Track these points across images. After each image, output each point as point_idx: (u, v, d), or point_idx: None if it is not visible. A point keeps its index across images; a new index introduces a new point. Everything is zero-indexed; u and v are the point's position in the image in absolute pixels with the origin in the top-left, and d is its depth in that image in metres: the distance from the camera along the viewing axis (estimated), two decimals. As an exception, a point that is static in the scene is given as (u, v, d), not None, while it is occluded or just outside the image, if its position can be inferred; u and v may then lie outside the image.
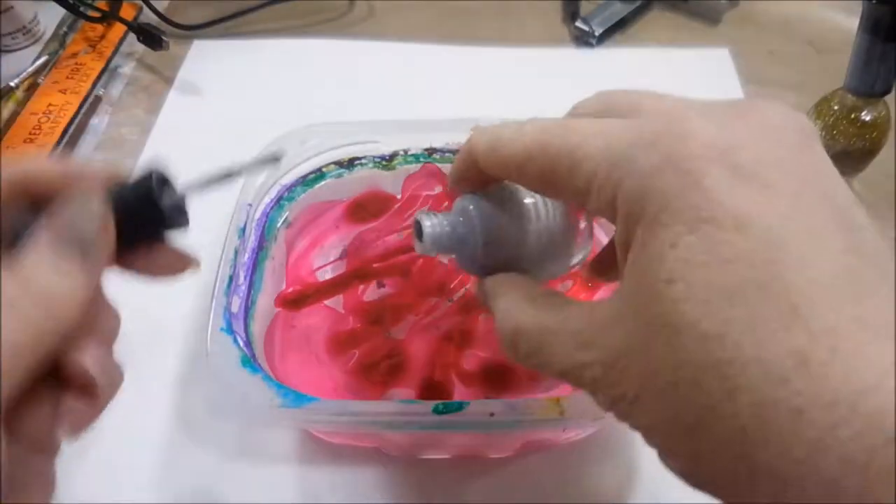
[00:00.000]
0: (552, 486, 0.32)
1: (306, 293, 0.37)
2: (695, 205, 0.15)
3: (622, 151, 0.17)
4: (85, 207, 0.19)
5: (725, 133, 0.16)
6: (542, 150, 0.19)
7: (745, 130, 0.16)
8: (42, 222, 0.19)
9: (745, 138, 0.16)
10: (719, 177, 0.15)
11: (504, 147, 0.20)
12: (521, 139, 0.19)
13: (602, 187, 0.17)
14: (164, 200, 0.21)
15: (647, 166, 0.16)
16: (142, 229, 0.22)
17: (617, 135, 0.17)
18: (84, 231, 0.19)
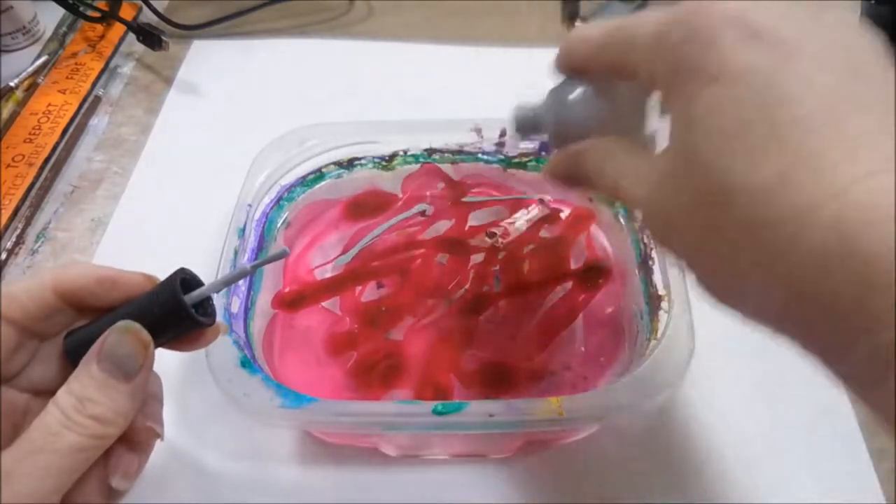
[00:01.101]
0: (552, 486, 0.32)
1: (304, 293, 0.38)
2: (708, 65, 0.18)
3: (661, 32, 0.20)
4: (128, 337, 0.23)
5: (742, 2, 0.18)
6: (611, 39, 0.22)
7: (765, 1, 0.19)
8: (93, 349, 0.23)
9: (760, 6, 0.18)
10: (730, 39, 0.18)
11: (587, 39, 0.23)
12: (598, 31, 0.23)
13: (650, 64, 0.20)
14: (190, 303, 0.24)
15: (677, 40, 0.19)
16: (172, 330, 0.24)
17: (660, 20, 0.20)
18: (128, 358, 0.23)
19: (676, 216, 0.19)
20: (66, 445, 0.21)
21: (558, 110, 0.25)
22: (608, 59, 0.22)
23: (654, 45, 0.20)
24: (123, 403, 0.23)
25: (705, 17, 0.19)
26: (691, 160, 0.18)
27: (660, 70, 0.20)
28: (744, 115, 0.17)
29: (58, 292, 0.24)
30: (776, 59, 0.17)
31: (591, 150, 0.24)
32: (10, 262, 0.42)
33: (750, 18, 0.18)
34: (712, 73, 0.18)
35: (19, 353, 0.24)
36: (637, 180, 0.21)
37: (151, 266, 0.26)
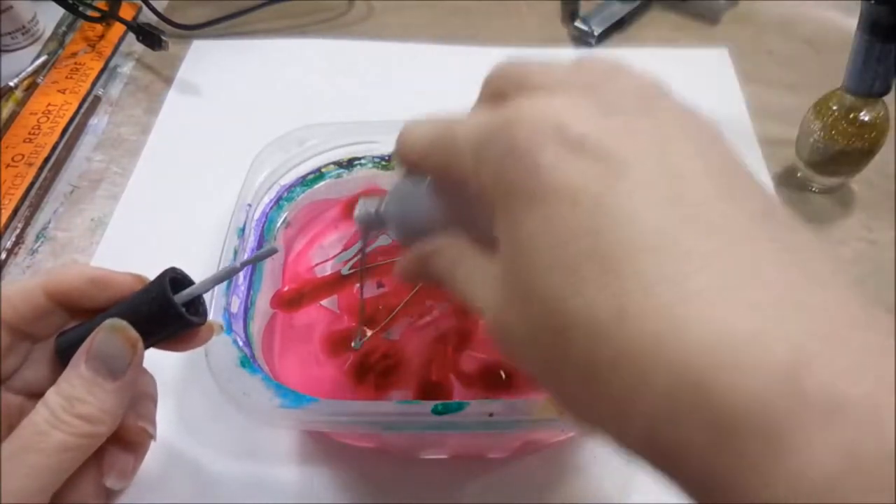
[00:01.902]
0: (552, 486, 0.32)
1: (302, 292, 0.38)
2: (531, 185, 0.16)
3: (480, 144, 0.18)
4: (115, 335, 0.23)
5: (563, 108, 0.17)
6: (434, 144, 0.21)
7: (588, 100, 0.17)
8: (82, 348, 0.23)
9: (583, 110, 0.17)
10: (551, 154, 0.16)
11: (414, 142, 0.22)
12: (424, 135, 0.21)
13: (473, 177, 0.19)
14: (180, 302, 0.24)
15: (496, 155, 0.18)
16: (162, 329, 0.24)
17: (478, 128, 0.19)
18: (115, 357, 0.23)
19: (518, 343, 0.18)
20: (54, 444, 0.21)
21: (400, 207, 0.24)
22: (433, 165, 0.21)
23: (474, 157, 0.19)
24: (111, 402, 0.23)
25: (523, 128, 0.17)
26: (524, 291, 0.17)
27: (482, 184, 0.18)
28: (572, 240, 0.16)
29: (49, 294, 0.24)
30: (602, 178, 0.16)
31: (439, 254, 0.22)
32: (9, 262, 0.42)
33: (569, 128, 0.17)
34: (536, 194, 0.16)
35: (12, 354, 0.24)
36: (482, 294, 0.19)
37: (151, 266, 0.26)
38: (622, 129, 0.17)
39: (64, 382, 0.22)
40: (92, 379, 0.22)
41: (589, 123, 0.17)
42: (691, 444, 0.14)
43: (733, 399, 0.13)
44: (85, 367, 0.23)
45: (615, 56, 0.23)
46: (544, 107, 0.17)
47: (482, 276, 0.20)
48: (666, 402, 0.14)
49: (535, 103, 0.18)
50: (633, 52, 0.54)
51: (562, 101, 0.17)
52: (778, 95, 0.51)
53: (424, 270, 0.23)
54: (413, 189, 0.24)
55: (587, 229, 0.16)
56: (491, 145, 0.18)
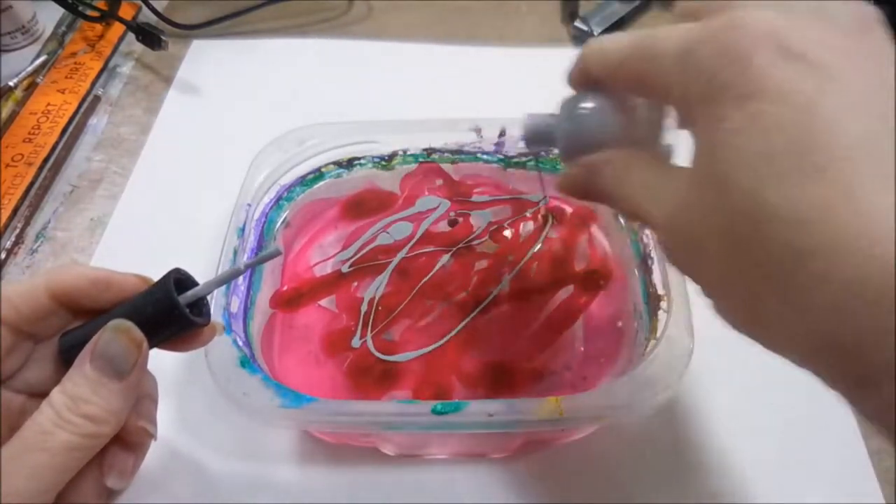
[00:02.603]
0: (552, 486, 0.32)
1: (301, 291, 0.38)
2: (742, 83, 0.17)
3: (688, 48, 0.19)
4: (120, 335, 0.23)
5: (778, 18, 0.18)
6: (631, 53, 0.21)
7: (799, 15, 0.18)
8: (87, 348, 0.23)
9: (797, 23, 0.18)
10: (766, 57, 0.17)
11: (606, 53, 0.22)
12: (619, 45, 0.22)
13: (676, 82, 0.19)
14: (184, 303, 0.24)
15: (705, 57, 0.18)
16: (166, 330, 0.24)
17: (686, 35, 0.19)
18: (120, 357, 0.23)
19: (700, 241, 0.18)
20: (59, 444, 0.21)
21: (571, 123, 0.25)
22: (628, 74, 0.21)
23: (681, 61, 0.19)
24: (116, 402, 0.23)
25: (739, 33, 0.18)
26: (720, 182, 0.17)
27: (687, 87, 0.19)
28: (780, 137, 0.16)
29: (51, 294, 0.24)
30: (816, 82, 0.16)
31: (609, 164, 0.23)
32: (9, 262, 0.42)
33: (787, 36, 0.17)
34: (747, 92, 0.17)
35: (14, 354, 0.24)
36: (658, 199, 0.20)
37: (151, 266, 0.26)
38: (839, 43, 0.17)
39: (69, 382, 0.22)
40: (97, 379, 0.22)
41: (806, 34, 0.17)
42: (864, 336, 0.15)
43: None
44: (90, 367, 0.23)
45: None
46: (763, 16, 0.18)
47: (661, 182, 0.20)
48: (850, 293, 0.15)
49: (753, 12, 0.18)
50: (632, 51, 0.54)
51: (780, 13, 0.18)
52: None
53: (592, 180, 0.23)
54: (586, 105, 0.24)
55: (797, 126, 0.16)
56: (704, 49, 0.18)
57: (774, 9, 0.18)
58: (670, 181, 0.20)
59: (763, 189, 0.16)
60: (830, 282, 0.15)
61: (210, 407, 0.34)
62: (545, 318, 0.36)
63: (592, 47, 0.23)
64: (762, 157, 0.16)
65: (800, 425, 0.34)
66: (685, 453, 0.33)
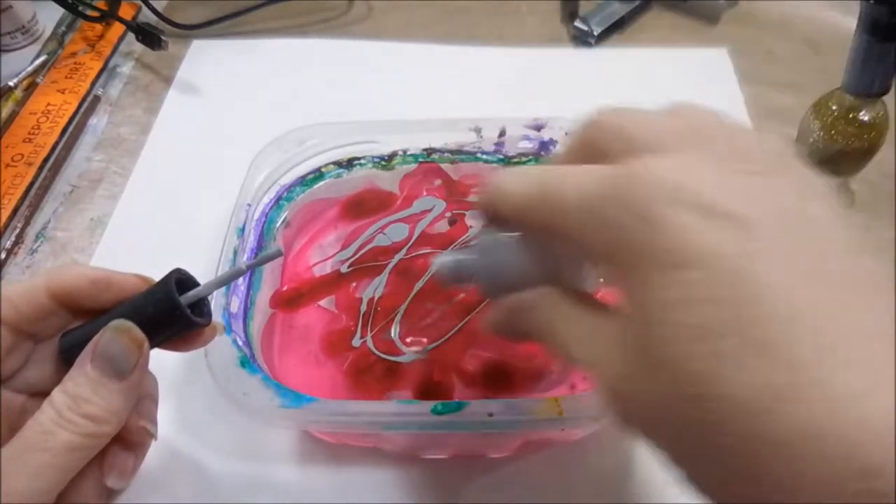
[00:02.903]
0: (552, 486, 0.32)
1: (301, 291, 0.38)
2: (664, 250, 0.16)
3: (593, 206, 0.18)
4: (121, 336, 0.23)
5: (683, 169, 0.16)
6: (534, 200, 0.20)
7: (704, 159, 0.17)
8: (88, 348, 0.23)
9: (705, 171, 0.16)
10: (684, 219, 0.16)
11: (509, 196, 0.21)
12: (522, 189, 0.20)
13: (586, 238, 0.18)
14: (186, 304, 0.24)
15: (618, 217, 0.17)
16: (167, 330, 0.24)
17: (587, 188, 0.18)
18: (122, 357, 0.23)
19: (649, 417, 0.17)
20: (60, 444, 0.21)
21: (487, 257, 0.24)
22: (536, 218, 0.20)
23: (588, 216, 0.18)
24: (117, 402, 0.23)
25: (646, 187, 0.16)
26: (661, 361, 0.16)
27: (599, 247, 0.18)
28: (716, 312, 0.15)
29: (52, 294, 0.24)
30: (740, 243, 0.15)
31: (534, 306, 0.21)
32: (9, 262, 0.42)
33: (697, 191, 0.16)
34: (669, 258, 0.16)
35: (14, 354, 0.24)
36: (593, 350, 0.19)
37: (151, 266, 0.26)
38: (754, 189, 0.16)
39: (70, 382, 0.22)
40: (98, 379, 0.23)
41: (718, 184, 0.16)
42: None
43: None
44: (91, 368, 0.23)
45: (614, 55, 0.23)
46: (666, 165, 0.17)
47: (593, 333, 0.19)
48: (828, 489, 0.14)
49: (655, 162, 0.17)
50: (632, 52, 0.54)
51: (683, 159, 0.17)
52: (777, 95, 0.51)
53: (518, 323, 0.22)
54: (502, 242, 0.23)
55: (730, 299, 0.15)
56: (605, 204, 0.17)
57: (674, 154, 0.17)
58: (604, 332, 0.18)
59: (708, 371, 0.15)
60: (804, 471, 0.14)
61: (210, 407, 0.34)
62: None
63: (497, 188, 0.21)
64: (700, 335, 0.15)
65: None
66: (685, 453, 0.33)
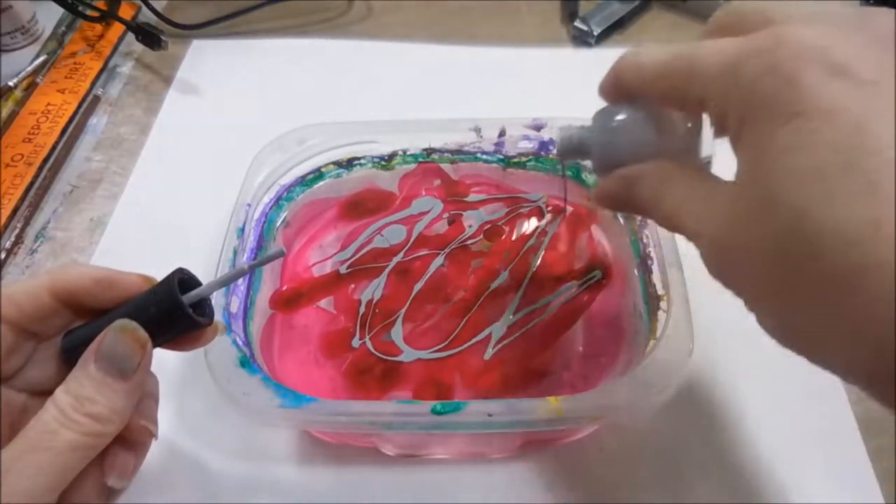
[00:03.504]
0: (552, 486, 0.32)
1: (300, 291, 0.38)
2: (790, 101, 0.17)
3: (734, 65, 0.19)
4: (124, 336, 0.23)
5: (825, 36, 0.18)
6: (671, 67, 0.21)
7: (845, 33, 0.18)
8: (91, 348, 0.23)
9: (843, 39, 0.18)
10: (814, 75, 0.17)
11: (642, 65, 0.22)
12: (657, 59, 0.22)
13: (718, 97, 0.19)
14: (188, 303, 0.24)
15: (750, 74, 0.18)
16: (170, 330, 0.25)
17: (728, 51, 0.19)
18: (125, 357, 0.23)
19: (747, 259, 0.18)
20: (63, 443, 0.21)
21: (606, 135, 0.24)
22: (667, 87, 0.21)
23: (725, 77, 0.19)
24: (120, 402, 0.23)
25: (786, 51, 0.18)
26: (769, 200, 0.17)
27: (732, 103, 0.19)
28: (831, 156, 0.16)
29: (54, 293, 0.24)
30: (865, 100, 0.16)
31: (647, 175, 0.23)
32: (9, 262, 0.42)
33: (834, 53, 0.17)
34: (796, 110, 0.17)
35: (16, 353, 0.24)
36: (701, 213, 0.20)
37: (151, 266, 0.26)
38: (886, 58, 0.17)
39: (73, 382, 0.22)
40: (101, 379, 0.23)
41: (853, 51, 0.17)
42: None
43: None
44: (94, 367, 0.23)
45: (614, 55, 0.23)
46: (809, 33, 0.18)
47: (702, 197, 0.20)
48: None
49: (800, 29, 0.18)
50: (632, 51, 0.54)
51: (825, 29, 0.18)
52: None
53: (629, 193, 0.23)
54: (623, 116, 0.24)
55: (847, 145, 0.16)
56: (751, 66, 0.18)
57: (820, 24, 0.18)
58: (712, 197, 0.20)
59: (813, 208, 0.16)
60: (884, 302, 0.15)
61: (210, 407, 0.34)
62: (546, 318, 0.36)
63: (628, 60, 0.23)
64: (812, 175, 0.16)
65: (800, 425, 0.34)
66: (685, 453, 0.33)
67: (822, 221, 0.16)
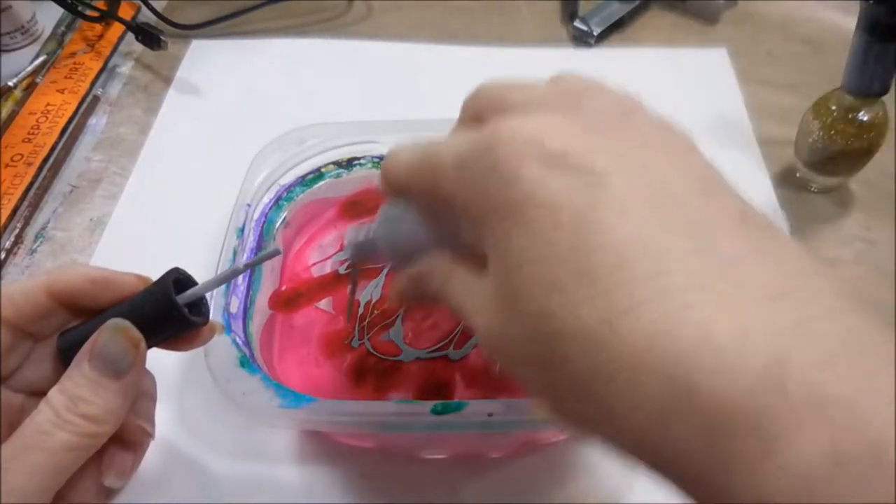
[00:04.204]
0: (552, 486, 0.32)
1: (299, 291, 0.37)
2: (515, 201, 0.17)
3: (461, 164, 0.19)
4: (118, 335, 0.23)
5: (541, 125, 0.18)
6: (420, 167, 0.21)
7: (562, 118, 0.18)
8: (85, 347, 0.23)
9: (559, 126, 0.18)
10: (531, 169, 0.17)
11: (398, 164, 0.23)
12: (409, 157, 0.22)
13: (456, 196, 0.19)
14: (183, 303, 0.24)
15: (477, 175, 0.18)
16: (165, 329, 0.24)
17: (460, 150, 0.19)
18: (119, 356, 0.23)
19: (511, 356, 0.18)
20: (58, 444, 0.21)
21: (387, 228, 0.25)
22: (420, 185, 0.22)
23: (456, 175, 0.19)
24: (115, 402, 0.23)
25: (504, 145, 0.18)
26: (513, 302, 0.17)
27: (465, 201, 0.19)
28: (556, 256, 0.16)
29: (51, 294, 0.24)
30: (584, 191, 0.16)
31: (431, 272, 0.23)
32: (8, 262, 0.42)
33: (549, 144, 0.17)
34: (519, 210, 0.17)
35: (13, 353, 0.24)
36: (475, 307, 0.20)
37: (150, 266, 0.26)
38: (600, 143, 0.17)
39: (67, 381, 0.22)
40: (95, 378, 0.23)
41: (568, 139, 0.17)
42: (683, 445, 0.15)
43: (720, 400, 0.14)
44: (88, 367, 0.23)
45: (613, 55, 0.23)
46: (524, 124, 0.18)
47: (473, 290, 0.20)
48: (657, 406, 0.15)
49: (515, 121, 0.18)
50: (632, 52, 0.54)
51: (540, 118, 0.18)
52: (777, 95, 0.51)
53: (420, 290, 0.24)
54: (400, 212, 0.24)
55: (570, 246, 0.16)
56: (473, 164, 0.18)
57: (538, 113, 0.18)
58: (480, 291, 0.20)
59: (550, 308, 0.16)
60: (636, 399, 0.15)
61: (210, 407, 0.34)
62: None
63: (390, 160, 0.23)
64: (543, 275, 0.16)
65: (799, 425, 0.34)
66: (685, 453, 0.33)
67: (559, 326, 0.16)
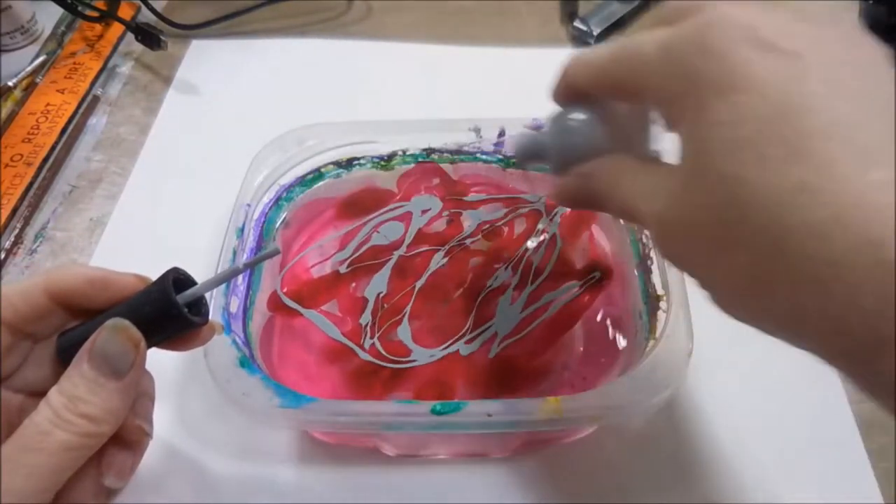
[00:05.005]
0: (552, 486, 0.32)
1: (300, 293, 0.37)
2: (722, 77, 0.18)
3: (668, 49, 0.20)
4: (117, 335, 0.23)
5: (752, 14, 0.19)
6: (614, 61, 0.22)
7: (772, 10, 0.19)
8: (84, 347, 0.23)
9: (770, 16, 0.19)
10: (743, 50, 0.18)
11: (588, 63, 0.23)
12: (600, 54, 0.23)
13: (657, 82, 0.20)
14: (182, 303, 0.24)
15: (684, 55, 0.19)
16: (164, 329, 0.24)
17: (665, 37, 0.20)
18: (118, 356, 0.23)
19: (692, 232, 0.19)
20: (57, 444, 0.21)
21: (561, 136, 0.25)
22: (611, 80, 0.22)
23: (662, 61, 0.20)
24: (114, 402, 0.23)
25: (716, 30, 0.19)
26: (706, 173, 0.18)
27: (669, 86, 0.20)
28: (759, 125, 0.17)
29: (49, 294, 0.24)
30: (790, 71, 0.17)
31: (601, 170, 0.24)
32: (8, 262, 0.42)
33: (762, 29, 0.18)
34: (727, 85, 0.18)
35: (12, 354, 0.24)
36: (649, 198, 0.21)
37: (150, 266, 0.26)
38: (811, 32, 0.18)
39: (66, 382, 0.22)
40: (94, 378, 0.22)
41: (780, 25, 0.18)
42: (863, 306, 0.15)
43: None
44: (87, 367, 0.22)
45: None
46: (737, 12, 0.19)
47: (651, 181, 0.21)
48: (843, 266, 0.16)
49: (728, 9, 0.19)
50: (632, 51, 0.54)
51: (753, 8, 0.19)
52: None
53: (585, 188, 0.24)
54: (574, 117, 0.25)
55: (774, 116, 0.17)
56: (684, 47, 0.19)
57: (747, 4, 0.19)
58: (660, 179, 0.21)
59: (745, 175, 0.17)
60: (813, 259, 0.16)
61: (210, 407, 0.34)
62: (546, 318, 0.36)
63: (574, 59, 0.24)
64: (743, 144, 0.17)
65: (799, 425, 0.34)
66: (685, 453, 0.33)
67: (753, 187, 0.17)
